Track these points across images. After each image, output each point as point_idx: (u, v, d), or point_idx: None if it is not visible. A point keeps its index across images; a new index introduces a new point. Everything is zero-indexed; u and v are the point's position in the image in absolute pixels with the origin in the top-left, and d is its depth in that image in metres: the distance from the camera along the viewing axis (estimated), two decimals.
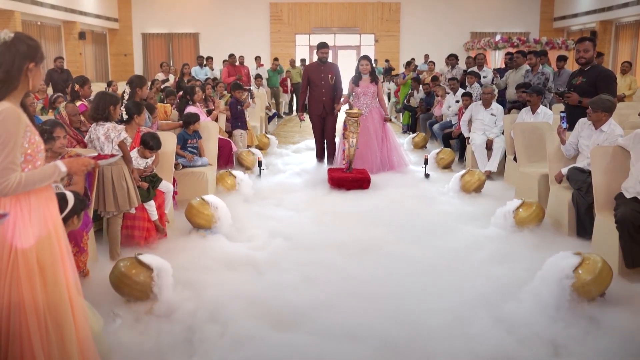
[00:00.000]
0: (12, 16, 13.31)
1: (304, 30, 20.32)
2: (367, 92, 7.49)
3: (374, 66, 8.58)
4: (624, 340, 3.12)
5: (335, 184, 6.64)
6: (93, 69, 18.72)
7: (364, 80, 7.52)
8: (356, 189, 6.54)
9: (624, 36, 16.59)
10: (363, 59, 7.60)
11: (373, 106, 7.53)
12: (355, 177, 6.72)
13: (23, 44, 2.34)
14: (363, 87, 7.51)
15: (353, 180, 6.65)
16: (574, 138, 5.15)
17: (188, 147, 6.20)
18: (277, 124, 14.20)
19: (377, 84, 7.59)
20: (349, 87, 7.66)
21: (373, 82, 7.53)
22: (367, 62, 7.51)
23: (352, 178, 6.69)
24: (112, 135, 4.25)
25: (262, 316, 3.46)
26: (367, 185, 6.62)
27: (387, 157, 7.58)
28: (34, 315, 2.31)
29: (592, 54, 5.56)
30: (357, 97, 7.51)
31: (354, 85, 7.56)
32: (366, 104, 7.48)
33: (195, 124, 6.22)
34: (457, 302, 3.65)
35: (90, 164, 2.65)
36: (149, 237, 4.60)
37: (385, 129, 7.63)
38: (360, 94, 7.51)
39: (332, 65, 7.91)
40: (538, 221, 5.00)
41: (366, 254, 4.56)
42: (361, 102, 7.49)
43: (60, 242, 2.43)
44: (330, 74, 7.72)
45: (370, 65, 7.57)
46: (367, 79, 7.51)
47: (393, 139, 7.74)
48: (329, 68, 7.78)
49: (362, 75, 7.53)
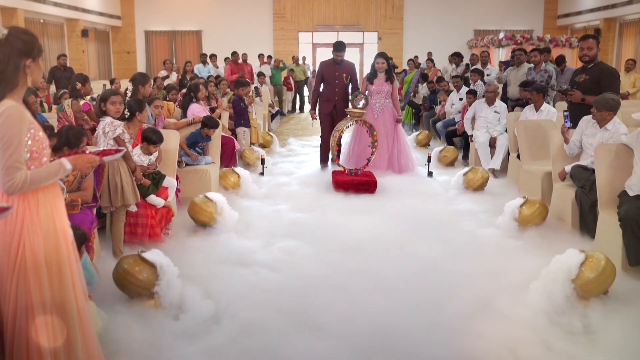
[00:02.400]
0: (14, 14, 13.34)
1: (307, 28, 20.32)
2: (381, 91, 7.30)
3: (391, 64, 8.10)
4: (628, 338, 3.11)
5: (340, 188, 6.39)
6: (96, 67, 18.75)
7: (379, 78, 7.33)
8: (362, 193, 6.30)
9: (628, 34, 16.54)
10: (379, 56, 7.40)
11: (386, 106, 7.34)
12: (361, 180, 6.47)
13: (18, 40, 2.28)
14: (377, 85, 7.31)
15: (359, 184, 6.40)
16: (578, 136, 5.14)
17: (197, 148, 6.22)
18: (281, 121, 14.21)
19: (392, 83, 7.37)
20: (363, 84, 7.47)
21: (388, 81, 7.33)
22: (383, 60, 7.32)
23: (358, 181, 6.44)
24: (107, 130, 4.28)
25: (265, 312, 3.46)
26: (374, 189, 6.39)
27: (396, 159, 7.37)
28: (40, 311, 2.30)
29: (595, 52, 5.56)
30: (371, 96, 7.28)
31: (369, 83, 7.36)
32: (379, 104, 7.31)
33: (211, 130, 6.24)
34: (461, 300, 3.65)
35: (95, 160, 2.60)
36: (152, 234, 4.60)
37: (397, 130, 7.44)
38: (374, 93, 7.31)
39: (348, 64, 7.51)
40: (541, 219, 4.99)
41: (371, 251, 4.56)
42: (374, 100, 7.30)
43: (67, 239, 2.43)
44: (346, 73, 7.36)
45: (387, 63, 7.37)
46: (383, 78, 7.32)
47: (404, 141, 7.55)
48: (345, 66, 7.40)
49: (377, 73, 7.35)
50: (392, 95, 7.36)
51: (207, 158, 6.24)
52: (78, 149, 3.75)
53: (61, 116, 5.69)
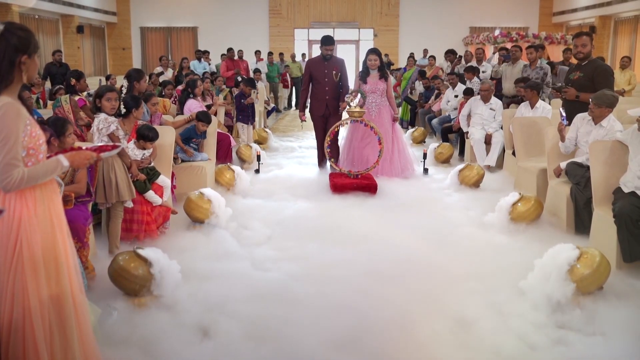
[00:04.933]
0: (9, 10, 13.27)
1: (303, 25, 20.28)
2: (376, 90, 6.85)
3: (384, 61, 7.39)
4: (622, 334, 3.13)
5: (338, 191, 6.12)
6: (91, 63, 18.68)
7: (372, 76, 6.87)
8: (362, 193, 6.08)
9: (622, 31, 16.58)
10: (371, 52, 6.96)
11: (382, 105, 6.91)
12: (360, 183, 6.20)
13: (13, 36, 2.26)
14: (371, 84, 6.85)
15: (359, 187, 6.12)
16: (573, 133, 5.15)
17: (191, 144, 6.21)
18: (277, 118, 14.21)
19: (386, 80, 6.91)
20: (355, 83, 6.99)
21: (382, 78, 6.87)
22: (375, 57, 6.87)
23: (358, 184, 6.17)
24: (101, 127, 4.28)
25: (260, 309, 3.47)
26: (374, 191, 6.11)
27: (397, 161, 6.97)
28: (37, 309, 2.30)
29: (589, 49, 5.57)
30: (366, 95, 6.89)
31: (361, 82, 6.89)
32: (375, 103, 6.87)
33: (205, 126, 6.22)
34: (455, 296, 3.67)
35: (93, 157, 2.59)
36: (148, 231, 4.60)
37: (395, 131, 7.04)
38: (369, 92, 6.85)
39: (337, 60, 7.02)
40: (536, 216, 5.01)
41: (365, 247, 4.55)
42: (370, 100, 6.86)
43: (64, 236, 2.43)
44: (335, 70, 6.88)
45: (380, 59, 6.91)
46: (376, 75, 6.86)
47: (402, 141, 7.17)
48: (334, 63, 6.92)
49: (370, 71, 6.88)
50: (387, 93, 6.98)
51: (202, 155, 6.23)
52: (64, 137, 3.72)
53: (57, 112, 5.66)
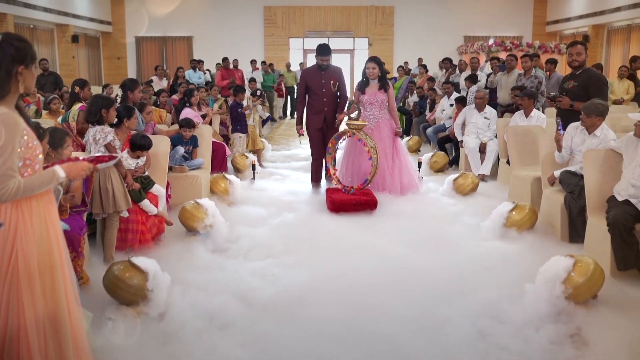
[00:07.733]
0: (4, 19, 13.28)
1: (298, 34, 20.35)
2: (375, 101, 6.35)
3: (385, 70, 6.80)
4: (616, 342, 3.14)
5: (335, 209, 5.74)
6: (86, 73, 18.65)
7: (372, 86, 6.40)
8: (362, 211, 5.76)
9: (615, 40, 16.70)
10: (370, 61, 6.47)
11: (381, 118, 6.39)
12: (359, 199, 5.80)
13: (11, 47, 2.27)
14: (370, 94, 6.36)
15: (357, 204, 5.76)
16: (567, 142, 5.17)
17: (184, 153, 6.24)
18: (272, 127, 14.23)
19: (387, 91, 6.40)
20: (354, 94, 6.52)
21: (382, 89, 6.37)
22: (374, 65, 6.38)
23: (357, 201, 5.79)
24: (98, 137, 4.28)
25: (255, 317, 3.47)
26: (374, 208, 5.76)
27: (397, 179, 6.41)
28: (32, 320, 2.29)
29: (584, 57, 5.60)
30: (363, 107, 6.36)
31: (360, 93, 6.42)
32: (373, 116, 6.37)
33: (189, 131, 6.23)
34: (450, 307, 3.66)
35: (89, 168, 2.58)
36: (142, 240, 4.59)
37: (396, 145, 6.50)
38: (367, 103, 6.37)
39: (335, 69, 6.50)
40: (531, 224, 5.03)
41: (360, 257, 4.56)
42: (367, 112, 6.37)
43: (60, 247, 2.42)
44: (333, 80, 6.39)
45: (379, 68, 6.41)
46: (375, 85, 6.38)
47: (405, 157, 6.58)
48: (331, 72, 6.42)
49: (369, 81, 6.42)
50: (389, 106, 6.46)
51: (198, 160, 6.24)
52: (62, 149, 3.73)
53: (64, 125, 5.64)
